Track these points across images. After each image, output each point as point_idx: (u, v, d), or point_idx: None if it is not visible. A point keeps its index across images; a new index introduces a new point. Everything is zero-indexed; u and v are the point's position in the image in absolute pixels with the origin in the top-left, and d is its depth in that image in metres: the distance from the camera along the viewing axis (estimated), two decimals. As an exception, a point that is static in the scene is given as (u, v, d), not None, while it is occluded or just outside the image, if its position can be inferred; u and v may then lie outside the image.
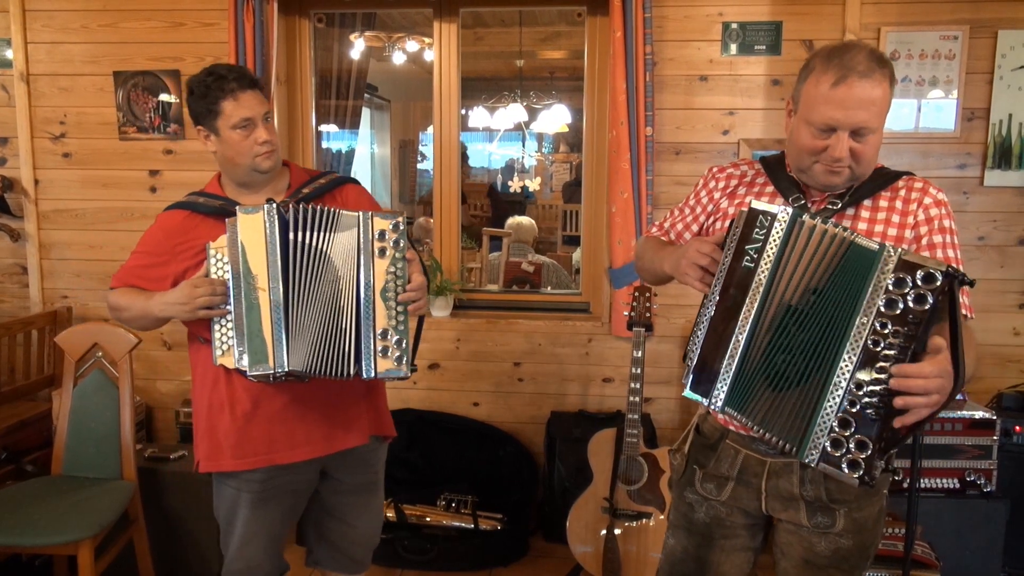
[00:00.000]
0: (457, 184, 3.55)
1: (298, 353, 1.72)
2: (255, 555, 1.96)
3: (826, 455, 1.29)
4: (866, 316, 1.26)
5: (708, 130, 3.21)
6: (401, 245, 1.75)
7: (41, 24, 3.44)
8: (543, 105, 6.74)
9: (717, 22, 3.15)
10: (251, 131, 1.84)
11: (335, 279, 1.74)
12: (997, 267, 3.16)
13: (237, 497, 1.93)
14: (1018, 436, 2.79)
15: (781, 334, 1.33)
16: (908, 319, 1.23)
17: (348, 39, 4.99)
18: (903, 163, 3.10)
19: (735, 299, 1.36)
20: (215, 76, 1.82)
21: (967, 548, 2.65)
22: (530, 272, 4.37)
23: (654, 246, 1.77)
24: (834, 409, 1.28)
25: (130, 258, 1.96)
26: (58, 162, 3.52)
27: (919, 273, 1.23)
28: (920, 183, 1.54)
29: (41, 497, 2.50)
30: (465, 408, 3.48)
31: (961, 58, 3.05)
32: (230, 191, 1.94)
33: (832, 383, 1.29)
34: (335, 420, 1.93)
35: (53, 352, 3.41)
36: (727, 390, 1.38)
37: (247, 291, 1.73)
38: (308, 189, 1.94)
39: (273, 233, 1.72)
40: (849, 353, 1.27)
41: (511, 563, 3.08)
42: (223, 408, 1.87)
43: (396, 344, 1.74)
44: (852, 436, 1.27)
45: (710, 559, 1.69)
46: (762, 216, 1.34)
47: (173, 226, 1.91)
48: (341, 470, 2.02)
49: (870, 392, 1.26)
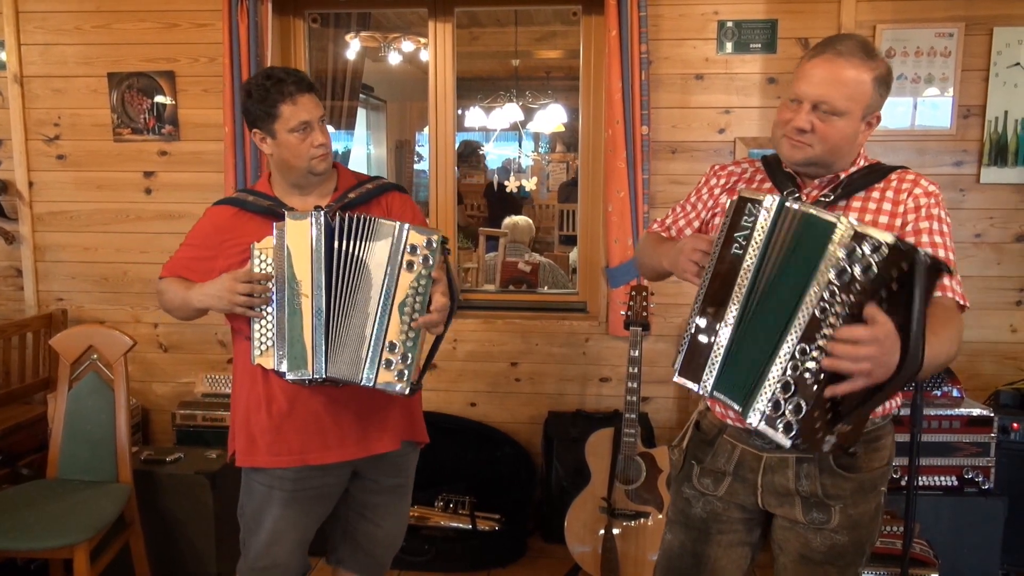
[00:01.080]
0: (453, 184, 3.54)
1: (336, 361, 1.74)
2: (281, 553, 1.96)
3: (765, 416, 1.32)
4: (817, 286, 1.28)
5: (704, 129, 3.21)
6: (430, 263, 1.75)
7: (34, 26, 3.43)
8: (539, 105, 6.73)
9: (712, 21, 3.15)
10: (308, 134, 1.85)
11: (369, 286, 1.75)
12: (994, 264, 3.16)
13: (268, 495, 1.93)
14: (1016, 433, 2.78)
15: (768, 316, 1.35)
16: (854, 288, 1.24)
17: (343, 39, 4.98)
18: (899, 160, 3.05)
19: (725, 285, 1.37)
20: (274, 79, 1.83)
21: (965, 546, 2.64)
22: (527, 272, 4.36)
23: (654, 242, 1.80)
24: (778, 374, 1.31)
25: (179, 249, 2.00)
26: (52, 164, 3.51)
27: (866, 243, 1.23)
28: (912, 175, 1.55)
29: (36, 500, 2.49)
30: (462, 408, 3.47)
31: (956, 55, 3.05)
32: (279, 191, 1.95)
33: (781, 352, 1.31)
34: (369, 424, 1.93)
35: (48, 355, 3.40)
36: (716, 374, 1.39)
37: (290, 296, 1.75)
38: (354, 194, 1.95)
39: (319, 241, 1.74)
40: (799, 321, 1.29)
41: (509, 564, 3.07)
42: (260, 406, 1.89)
43: (401, 359, 1.74)
44: (790, 399, 1.29)
45: (707, 554, 1.70)
46: (751, 204, 1.35)
47: (222, 221, 1.94)
48: (373, 471, 2.03)
49: (811, 358, 1.27)
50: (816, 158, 1.51)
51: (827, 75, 1.45)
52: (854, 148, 1.54)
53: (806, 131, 1.48)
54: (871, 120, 1.52)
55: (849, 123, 1.48)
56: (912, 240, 1.48)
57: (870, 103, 1.49)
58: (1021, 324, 3.18)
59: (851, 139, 1.51)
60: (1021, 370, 3.15)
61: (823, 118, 1.47)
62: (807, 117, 1.47)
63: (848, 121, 1.48)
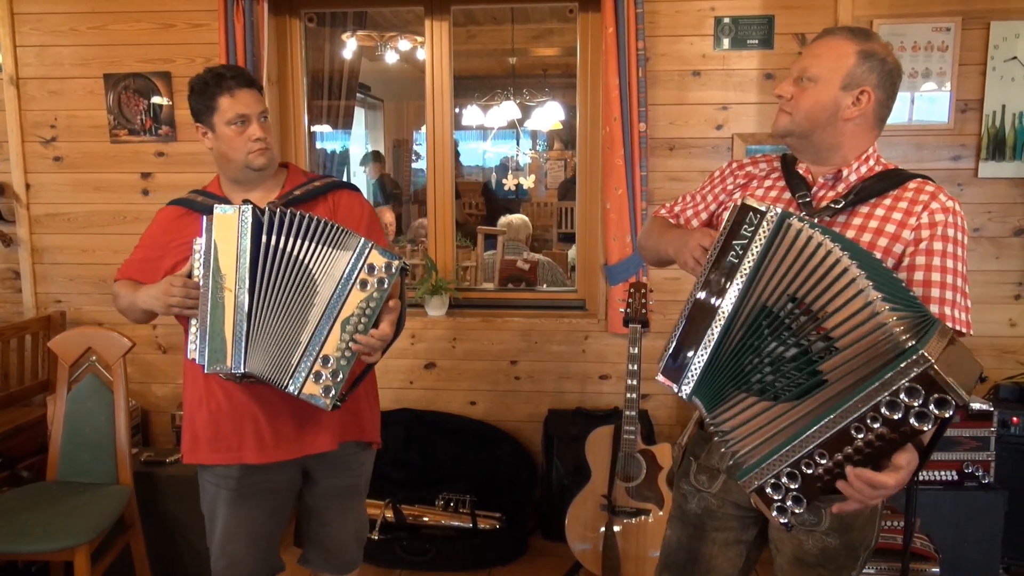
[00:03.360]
0: (451, 183, 3.54)
1: (257, 357, 1.71)
2: (237, 552, 1.98)
3: (763, 492, 1.29)
4: (865, 403, 1.17)
5: (702, 125, 3.20)
6: (385, 286, 1.73)
7: (30, 27, 3.42)
8: (536, 102, 6.74)
9: (709, 16, 3.14)
10: (245, 127, 1.87)
11: (312, 291, 1.72)
12: (992, 259, 3.16)
13: (216, 494, 1.97)
14: (1016, 427, 2.79)
15: (754, 334, 1.32)
16: (899, 430, 1.17)
17: (340, 39, 4.98)
18: (897, 155, 3.10)
19: (716, 292, 1.35)
20: (214, 74, 1.87)
21: (966, 540, 2.65)
22: (525, 270, 4.36)
23: (661, 227, 1.79)
24: (793, 463, 1.25)
25: (132, 252, 2.02)
26: (49, 166, 3.50)
27: (936, 394, 1.13)
28: (932, 187, 1.51)
29: (36, 503, 2.49)
30: (462, 407, 3.47)
31: (954, 50, 3.04)
32: (226, 189, 1.98)
33: (811, 437, 1.23)
34: (305, 424, 1.92)
35: (47, 357, 3.40)
36: (696, 380, 1.38)
37: (215, 290, 1.73)
38: (300, 191, 1.95)
39: (245, 234, 1.71)
40: (837, 419, 1.21)
41: (510, 562, 3.07)
42: (201, 403, 1.91)
43: (331, 375, 1.72)
44: (791, 491, 1.26)
45: (703, 551, 1.71)
46: (751, 213, 1.33)
47: (169, 223, 1.97)
48: (321, 472, 2.04)
49: (838, 462, 1.22)
50: (794, 127, 1.56)
51: (813, 49, 1.54)
52: (835, 121, 1.52)
53: (784, 97, 1.56)
54: (858, 96, 1.50)
55: (825, 90, 1.51)
56: (922, 260, 1.45)
57: (851, 73, 1.49)
58: (1020, 318, 3.18)
59: (828, 108, 1.51)
60: (1020, 364, 3.15)
61: (801, 85, 1.53)
62: (788, 85, 1.56)
63: (824, 88, 1.51)
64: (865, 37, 1.51)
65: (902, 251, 1.48)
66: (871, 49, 1.50)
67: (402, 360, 3.44)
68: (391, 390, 3.46)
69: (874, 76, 1.50)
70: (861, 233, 1.50)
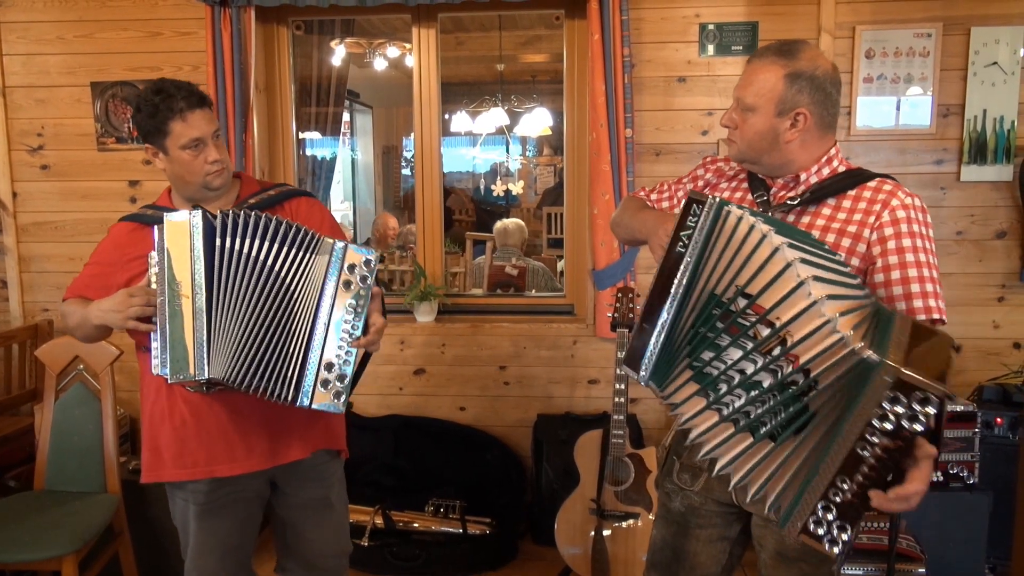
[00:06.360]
0: (439, 189, 3.55)
1: (219, 361, 1.67)
2: (210, 565, 1.95)
3: (808, 531, 1.28)
4: (857, 425, 1.19)
5: (687, 131, 3.23)
6: (368, 282, 1.72)
7: (16, 36, 3.42)
8: (525, 109, 6.75)
9: (694, 23, 3.17)
10: (201, 151, 1.82)
11: (289, 297, 1.70)
12: (975, 261, 3.19)
13: (186, 509, 1.93)
14: (999, 428, 2.81)
15: (705, 322, 1.35)
16: (900, 436, 1.18)
17: (328, 46, 4.98)
18: (880, 159, 3.13)
19: (667, 280, 1.39)
20: (163, 95, 1.79)
21: (951, 540, 2.66)
22: (514, 275, 4.38)
23: (636, 207, 1.83)
24: (823, 495, 1.26)
25: (82, 270, 1.96)
26: (36, 174, 3.50)
27: (916, 395, 1.15)
28: (890, 186, 1.53)
29: (24, 512, 2.48)
30: (451, 413, 3.47)
31: (935, 55, 3.08)
32: (179, 204, 1.92)
33: (827, 468, 1.24)
34: (277, 433, 1.90)
35: (34, 366, 3.38)
36: (651, 366, 1.41)
37: (171, 298, 1.68)
38: (255, 200, 1.92)
39: (197, 239, 1.67)
40: (841, 445, 1.22)
41: (500, 567, 3.08)
42: (164, 418, 1.86)
43: (338, 379, 1.70)
44: (832, 522, 1.26)
45: (686, 549, 1.73)
46: (695, 204, 1.37)
47: (120, 238, 1.93)
48: (290, 484, 2.00)
49: (860, 483, 1.23)
50: (741, 154, 1.62)
51: (744, 76, 1.59)
52: (778, 145, 1.55)
53: (729, 127, 1.61)
54: (794, 118, 1.53)
55: (761, 119, 1.54)
56: (895, 259, 1.48)
57: (782, 99, 1.52)
58: (1003, 320, 3.22)
59: (767, 135, 1.55)
60: (1004, 365, 3.18)
61: (741, 115, 1.58)
62: (730, 114, 1.61)
63: (760, 117, 1.54)
64: (790, 55, 1.53)
65: (865, 251, 1.51)
66: (797, 69, 1.51)
67: (391, 366, 3.45)
68: (380, 396, 3.46)
69: (805, 96, 1.52)
70: (825, 234, 1.53)
